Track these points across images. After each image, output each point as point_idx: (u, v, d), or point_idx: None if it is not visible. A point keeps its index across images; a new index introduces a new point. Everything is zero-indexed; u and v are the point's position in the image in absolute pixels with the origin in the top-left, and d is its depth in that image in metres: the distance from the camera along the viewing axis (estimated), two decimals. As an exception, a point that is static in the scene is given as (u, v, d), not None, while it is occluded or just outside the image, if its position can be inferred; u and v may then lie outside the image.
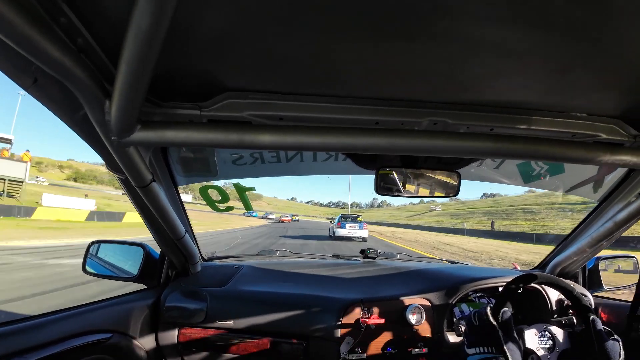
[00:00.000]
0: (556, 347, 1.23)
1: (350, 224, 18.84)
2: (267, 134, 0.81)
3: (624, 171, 1.26)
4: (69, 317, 1.14)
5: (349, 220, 19.25)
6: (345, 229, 18.59)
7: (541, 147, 0.89)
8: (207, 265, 1.68)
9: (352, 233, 18.61)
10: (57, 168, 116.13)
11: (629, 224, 1.20)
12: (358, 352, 1.32)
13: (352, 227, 18.72)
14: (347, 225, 18.75)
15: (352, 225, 18.81)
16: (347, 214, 20.47)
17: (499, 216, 62.16)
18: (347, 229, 18.60)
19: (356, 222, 19.03)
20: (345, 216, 20.11)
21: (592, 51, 0.64)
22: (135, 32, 0.50)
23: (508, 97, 0.86)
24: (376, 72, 0.76)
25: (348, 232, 18.61)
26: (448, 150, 0.88)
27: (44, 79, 0.66)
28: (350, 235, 18.51)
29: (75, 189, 60.58)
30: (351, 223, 18.96)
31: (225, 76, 0.79)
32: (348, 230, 18.63)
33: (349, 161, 1.35)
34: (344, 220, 19.19)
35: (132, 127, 0.75)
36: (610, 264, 1.71)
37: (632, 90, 0.80)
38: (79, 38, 0.59)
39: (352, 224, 18.86)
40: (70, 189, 57.04)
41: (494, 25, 0.57)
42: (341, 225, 18.76)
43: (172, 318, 1.41)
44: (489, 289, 1.52)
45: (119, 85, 0.62)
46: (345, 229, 18.61)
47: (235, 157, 1.32)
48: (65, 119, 0.78)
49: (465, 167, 1.25)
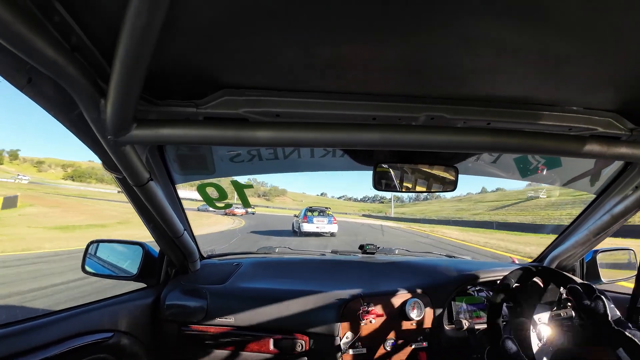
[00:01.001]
0: (554, 340, 1.24)
1: (318, 218, 16.79)
2: (263, 130, 0.81)
3: (620, 164, 1.26)
4: (69, 317, 1.14)
5: (316, 214, 17.18)
6: (312, 224, 16.44)
7: (538, 141, 0.89)
8: (207, 263, 1.68)
9: (320, 228, 16.50)
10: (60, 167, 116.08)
11: (626, 216, 1.21)
12: (358, 346, 1.33)
13: (321, 221, 16.69)
14: (315, 219, 16.67)
15: (320, 219, 16.78)
16: (315, 207, 18.52)
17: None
18: (314, 224, 16.49)
19: (325, 216, 17.07)
20: (312, 209, 17.90)
21: (588, 45, 0.64)
22: (129, 30, 0.49)
23: (504, 92, 0.86)
24: (372, 68, 0.75)
25: (316, 227, 16.41)
26: (445, 145, 0.88)
27: (38, 79, 0.65)
28: (318, 230, 16.46)
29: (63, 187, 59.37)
30: (319, 217, 16.92)
31: (220, 73, 0.79)
32: (316, 225, 16.46)
33: (347, 157, 1.35)
34: (311, 214, 17.02)
35: (128, 126, 0.75)
36: (608, 256, 1.72)
37: (628, 83, 0.80)
38: (73, 36, 0.58)
39: (320, 218, 16.84)
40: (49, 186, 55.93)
41: (490, 20, 0.57)
42: (308, 219, 16.58)
43: (173, 316, 1.42)
44: (488, 283, 1.53)
45: (114, 83, 0.61)
46: (312, 223, 16.46)
47: (232, 154, 1.32)
48: (60, 118, 0.78)
49: (462, 162, 1.25)
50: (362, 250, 2.00)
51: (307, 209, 17.54)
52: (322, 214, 17.17)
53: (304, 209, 17.90)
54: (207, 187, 1.20)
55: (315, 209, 17.91)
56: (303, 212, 17.48)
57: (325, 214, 17.26)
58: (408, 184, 1.22)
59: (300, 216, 17.69)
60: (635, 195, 1.13)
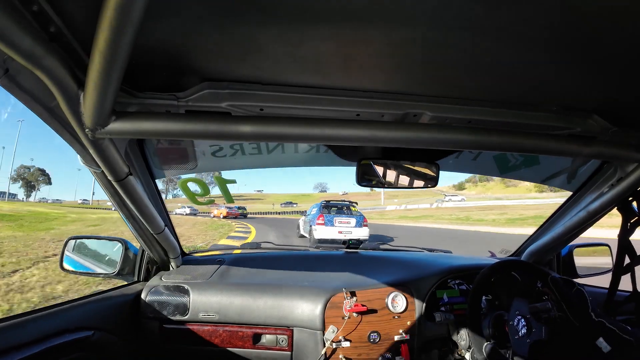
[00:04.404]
0: (532, 332, 1.28)
1: (341, 218, 10.81)
2: (247, 125, 0.80)
3: (597, 163, 1.30)
4: (48, 315, 1.11)
5: (337, 212, 11.17)
6: (332, 226, 10.50)
7: (517, 140, 0.92)
8: (189, 259, 1.66)
9: (345, 233, 10.35)
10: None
11: (601, 213, 1.25)
12: (342, 340, 1.34)
13: (345, 222, 10.72)
14: (337, 219, 10.70)
15: (344, 219, 10.79)
16: (333, 200, 12.26)
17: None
18: (336, 226, 10.54)
19: (350, 215, 11.09)
20: (330, 204, 11.68)
21: (566, 46, 0.65)
22: (109, 20, 0.48)
23: (486, 91, 0.88)
24: (356, 63, 0.76)
25: (338, 232, 10.37)
26: (427, 142, 0.89)
27: (15, 70, 0.63)
28: (343, 238, 9.62)
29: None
30: (342, 216, 10.93)
31: (202, 65, 0.77)
32: (338, 229, 10.47)
33: (331, 153, 1.35)
34: (329, 212, 11.03)
35: (106, 118, 0.73)
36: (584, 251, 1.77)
37: (604, 84, 0.83)
38: (52, 26, 0.57)
39: (344, 218, 10.84)
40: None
41: (471, 20, 0.58)
42: (325, 219, 10.58)
43: (154, 313, 1.40)
44: (467, 276, 1.57)
45: (93, 74, 0.59)
46: (333, 225, 10.52)
47: (214, 148, 1.30)
48: (37, 111, 0.75)
49: (444, 159, 1.27)
50: (345, 245, 2.02)
51: (322, 205, 11.37)
52: (346, 213, 11.27)
53: (317, 205, 11.82)
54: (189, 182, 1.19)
55: (335, 204, 11.88)
56: (317, 209, 11.39)
57: (351, 211, 11.42)
58: (390, 180, 1.23)
59: (312, 216, 11.49)
60: (611, 193, 1.16)
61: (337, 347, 1.34)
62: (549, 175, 1.51)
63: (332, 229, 10.43)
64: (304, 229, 12.44)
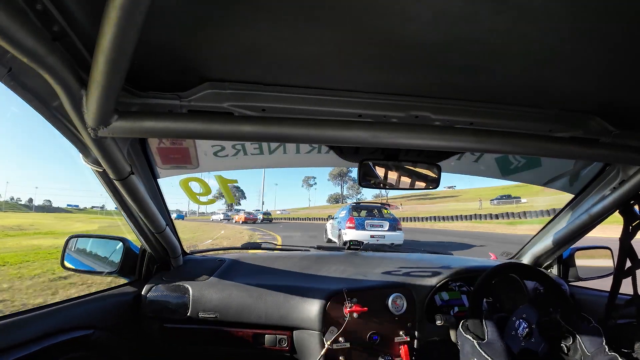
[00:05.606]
0: (530, 340, 1.27)
1: (372, 221, 10.12)
2: (249, 125, 0.80)
3: (600, 165, 1.29)
4: (49, 314, 1.11)
5: (368, 214, 10.51)
6: (364, 230, 9.76)
7: (518, 142, 0.92)
8: (189, 259, 1.66)
9: (377, 238, 9.64)
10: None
11: (603, 216, 1.25)
12: (341, 341, 1.34)
13: (377, 226, 10.04)
14: (368, 223, 10.02)
15: (376, 223, 10.10)
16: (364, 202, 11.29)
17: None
18: (367, 230, 9.81)
19: (382, 218, 10.36)
20: (360, 206, 11.08)
21: (568, 48, 0.65)
22: (112, 19, 0.48)
23: (488, 92, 0.88)
24: (358, 64, 0.76)
25: (370, 236, 9.61)
26: (429, 144, 0.89)
27: (18, 68, 0.64)
28: (376, 242, 9.08)
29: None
30: (374, 219, 10.24)
31: (205, 66, 0.78)
32: (370, 233, 9.74)
33: (332, 153, 1.35)
34: (359, 215, 10.37)
35: (109, 118, 0.73)
36: (585, 254, 1.77)
37: (607, 87, 0.82)
38: (55, 25, 0.57)
39: (375, 221, 10.15)
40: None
41: (474, 21, 0.58)
42: (357, 223, 9.92)
43: (155, 312, 1.40)
44: (468, 278, 1.56)
45: (96, 74, 0.60)
46: (364, 229, 9.79)
47: (216, 148, 1.30)
48: (40, 110, 0.76)
49: (445, 160, 1.27)
50: (346, 247, 2.02)
51: (352, 207, 10.85)
52: (378, 216, 10.52)
53: (346, 207, 11.27)
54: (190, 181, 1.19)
55: (365, 206, 11.31)
56: (346, 211, 10.73)
57: (382, 213, 10.67)
58: (392, 181, 1.23)
59: (340, 219, 10.90)
60: (613, 196, 1.16)
61: (337, 348, 1.34)
62: (550, 178, 1.50)
63: (364, 233, 9.66)
64: (332, 232, 11.77)
